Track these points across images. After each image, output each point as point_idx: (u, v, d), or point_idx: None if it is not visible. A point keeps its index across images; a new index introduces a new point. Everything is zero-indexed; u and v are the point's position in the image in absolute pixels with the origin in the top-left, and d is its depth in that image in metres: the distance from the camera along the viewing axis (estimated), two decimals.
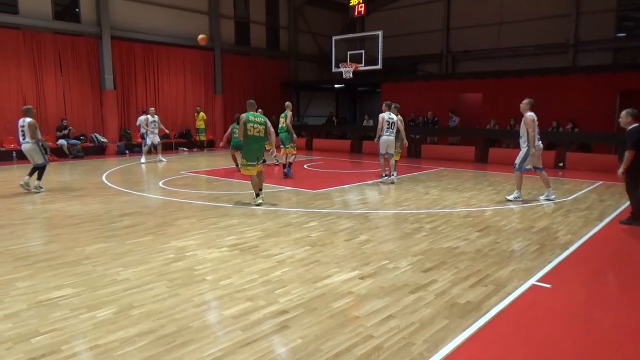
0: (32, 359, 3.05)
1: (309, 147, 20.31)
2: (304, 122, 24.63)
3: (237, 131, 12.42)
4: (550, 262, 5.09)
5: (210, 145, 20.93)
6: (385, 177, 10.79)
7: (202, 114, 19.37)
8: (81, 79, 17.47)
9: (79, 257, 5.18)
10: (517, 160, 8.33)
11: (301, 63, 25.73)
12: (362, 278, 4.54)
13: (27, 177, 9.54)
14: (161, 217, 7.18)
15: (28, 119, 9.38)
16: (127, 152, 18.08)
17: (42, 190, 9.49)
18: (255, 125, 7.95)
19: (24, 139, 9.47)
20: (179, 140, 20.33)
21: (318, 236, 6.06)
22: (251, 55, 23.46)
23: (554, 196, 8.65)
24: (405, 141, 11.00)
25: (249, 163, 7.97)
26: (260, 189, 8.19)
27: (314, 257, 5.18)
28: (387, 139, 10.51)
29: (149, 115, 15.16)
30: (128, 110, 18.93)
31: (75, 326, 3.52)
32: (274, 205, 8.07)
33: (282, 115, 11.73)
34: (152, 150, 15.55)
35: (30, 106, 9.86)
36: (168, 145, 19.54)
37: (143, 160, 14.96)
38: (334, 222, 6.87)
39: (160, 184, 10.52)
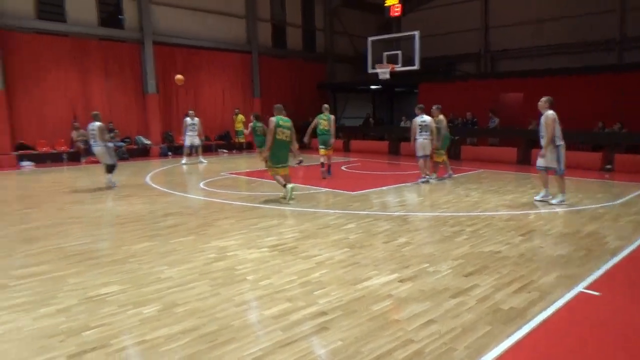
0: (83, 352, 3.19)
1: (346, 149, 20.30)
2: (340, 123, 24.63)
3: (258, 129, 12.99)
4: (599, 268, 4.89)
5: (249, 147, 21.23)
6: (427, 178, 10.81)
7: (240, 116, 19.67)
8: (125, 83, 18.10)
9: (126, 255, 5.36)
10: (556, 165, 7.99)
11: (337, 64, 25.79)
12: (401, 281, 4.50)
13: (109, 175, 10.28)
14: (202, 218, 7.34)
15: (97, 123, 10.06)
16: (169, 153, 18.58)
17: (115, 185, 10.26)
18: (284, 130, 8.34)
19: (94, 142, 10.10)
20: (219, 142, 20.72)
21: (356, 238, 6.06)
22: (288, 58, 23.68)
23: (553, 198, 8.21)
24: (435, 143, 10.88)
25: (275, 165, 8.41)
26: (285, 185, 8.49)
27: (352, 259, 5.18)
28: (421, 142, 10.63)
29: (188, 118, 15.55)
30: (170, 114, 19.48)
31: (122, 322, 3.65)
32: (312, 206, 8.11)
33: (324, 117, 11.73)
34: (193, 152, 15.93)
35: (97, 112, 10.68)
36: (208, 147, 19.94)
37: (184, 161, 15.34)
38: (372, 224, 6.84)
39: (201, 185, 10.76)
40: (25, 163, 15.32)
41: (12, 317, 3.73)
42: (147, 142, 18.46)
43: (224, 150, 20.41)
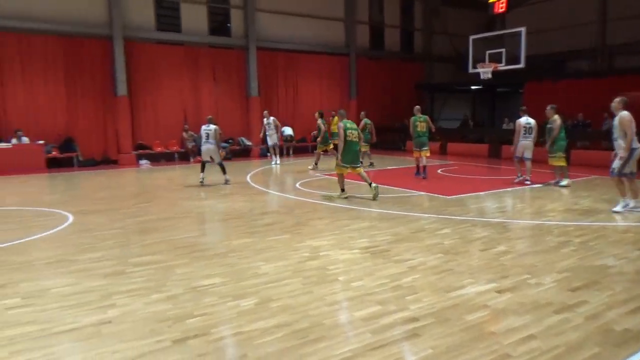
0: (187, 338, 3.44)
1: (443, 152, 19.70)
2: (437, 125, 24.00)
3: (322, 127, 14.17)
4: None
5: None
6: (521, 178, 10.46)
7: (337, 118, 19.92)
8: (230, 87, 19.23)
9: (227, 250, 5.70)
10: (616, 164, 7.33)
11: (436, 65, 25.16)
12: (499, 292, 4.28)
13: (225, 176, 11.22)
14: (297, 217, 7.57)
15: (213, 125, 11.06)
16: (268, 154, 19.36)
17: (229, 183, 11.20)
18: (352, 132, 9.08)
19: (207, 140, 11.04)
20: (315, 144, 21.16)
21: (451, 244, 5.87)
22: (385, 59, 23.57)
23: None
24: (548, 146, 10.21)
25: (343, 164, 9.01)
26: (370, 184, 8.96)
27: (446, 266, 5.03)
28: (524, 143, 10.27)
29: (265, 118, 16.13)
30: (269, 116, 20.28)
31: (222, 313, 3.89)
32: (406, 210, 8.01)
33: (421, 118, 11.63)
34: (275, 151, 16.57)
35: (211, 116, 11.87)
36: (305, 149, 20.51)
37: (276, 161, 15.96)
38: (468, 230, 6.58)
39: (297, 185, 11.09)
40: (142, 161, 16.91)
41: (128, 301, 4.14)
42: (249, 143, 19.42)
43: (321, 152, 20.79)
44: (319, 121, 14.36)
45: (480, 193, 9.74)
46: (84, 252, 5.71)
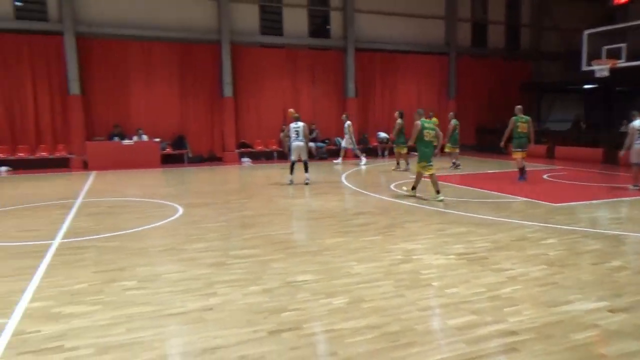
0: (280, 330, 3.58)
1: (550, 156, 18.36)
2: (545, 127, 22.44)
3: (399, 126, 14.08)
4: None
5: (441, 150, 20.86)
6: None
7: (434, 119, 19.43)
8: (328, 88, 19.58)
9: (320, 248, 5.83)
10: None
11: (544, 63, 23.51)
12: (611, 311, 3.91)
13: (307, 174, 11.45)
14: (391, 219, 7.52)
15: (302, 123, 11.34)
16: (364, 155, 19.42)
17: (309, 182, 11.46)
18: (429, 131, 9.16)
19: (297, 137, 11.32)
20: (412, 145, 20.83)
21: (557, 255, 5.47)
22: (488, 58, 22.52)
23: None
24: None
25: (428, 164, 9.14)
26: (438, 192, 8.99)
27: (551, 278, 4.70)
28: (638, 148, 9.79)
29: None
30: (366, 117, 20.37)
31: (314, 309, 3.99)
32: (507, 216, 7.60)
33: (522, 119, 11.15)
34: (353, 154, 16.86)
35: (298, 114, 12.05)
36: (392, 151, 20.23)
37: (363, 162, 16.14)
38: (577, 241, 6.09)
39: (392, 186, 11.00)
40: (244, 159, 17.83)
41: (228, 291, 4.40)
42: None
43: (416, 153, 20.42)
44: (399, 121, 14.30)
45: (593, 201, 8.96)
46: (192, 242, 6.17)
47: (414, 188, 9.47)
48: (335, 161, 16.82)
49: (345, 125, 16.61)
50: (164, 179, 13.45)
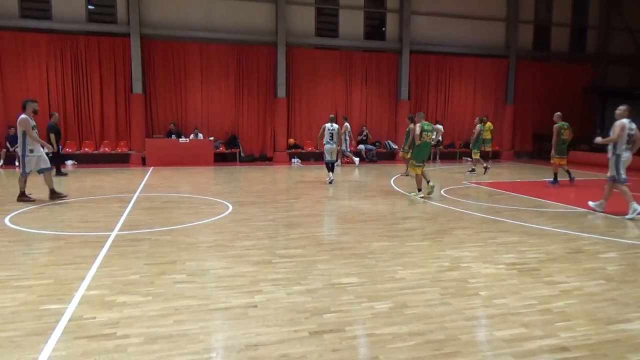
0: (322, 331, 3.59)
1: None
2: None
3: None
4: None
5: (494, 156, 20.24)
6: None
7: (489, 123, 18.87)
8: (380, 91, 19.46)
9: (366, 251, 5.80)
10: (613, 172, 8.27)
11: (611, 66, 22.22)
12: None
13: (331, 174, 11.86)
14: (439, 225, 7.36)
15: (337, 125, 11.79)
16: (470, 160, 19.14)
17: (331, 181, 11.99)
18: (428, 133, 9.75)
19: (331, 139, 11.88)
20: (463, 150, 20.34)
21: (616, 270, 5.16)
22: (550, 61, 21.60)
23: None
24: None
25: (417, 163, 9.76)
26: (428, 181, 9.78)
27: (608, 294, 4.45)
28: None
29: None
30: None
31: (357, 312, 3.97)
32: (562, 227, 7.26)
33: (565, 125, 11.48)
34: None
35: (334, 115, 12.64)
36: (452, 155, 19.82)
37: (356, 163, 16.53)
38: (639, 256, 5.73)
39: (442, 192, 10.77)
40: (294, 160, 18.04)
41: (273, 289, 4.47)
42: (395, 146, 19.42)
43: (468, 159, 19.91)
44: (478, 126, 14.35)
45: None
46: (239, 239, 6.31)
47: (419, 190, 9.96)
48: (355, 164, 16.93)
49: (345, 125, 16.64)
50: (216, 177, 13.83)
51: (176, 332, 3.55)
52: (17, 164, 13.62)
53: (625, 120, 8.38)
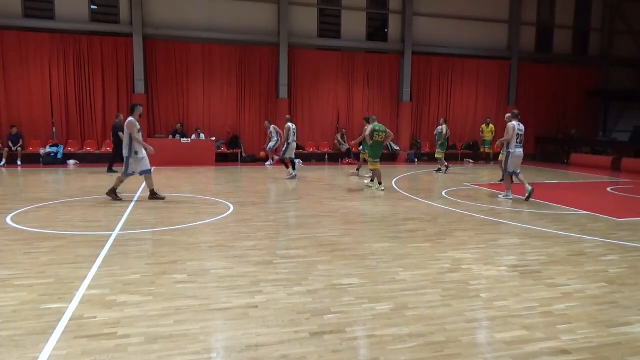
0: (323, 332, 3.59)
1: (615, 168, 17.35)
2: (612, 137, 21.23)
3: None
4: None
5: (496, 158, 20.19)
6: None
7: (491, 125, 18.87)
8: (382, 92, 19.46)
9: (367, 252, 5.79)
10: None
11: (614, 69, 22.21)
12: None
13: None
14: (441, 226, 7.35)
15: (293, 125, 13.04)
16: (416, 160, 19.15)
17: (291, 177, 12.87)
18: (380, 133, 10.88)
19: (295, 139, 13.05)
20: (465, 152, 20.33)
21: (618, 273, 5.15)
22: (552, 63, 21.58)
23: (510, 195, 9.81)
24: None
25: (375, 160, 11.03)
26: (380, 182, 11.01)
27: (610, 297, 4.44)
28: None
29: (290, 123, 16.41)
30: (420, 121, 20.08)
31: (357, 313, 3.97)
32: (564, 229, 7.25)
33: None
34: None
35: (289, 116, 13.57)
36: (454, 156, 19.80)
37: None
38: None
39: (443, 193, 10.77)
40: (296, 161, 18.00)
41: (273, 290, 4.46)
42: (396, 147, 19.42)
43: (470, 160, 19.91)
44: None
45: None
46: (240, 240, 6.31)
47: (380, 183, 11.02)
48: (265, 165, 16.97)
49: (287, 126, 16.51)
50: (217, 177, 13.83)
51: (177, 332, 3.55)
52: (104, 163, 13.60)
53: (515, 123, 9.70)
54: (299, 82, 18.44)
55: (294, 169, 13.31)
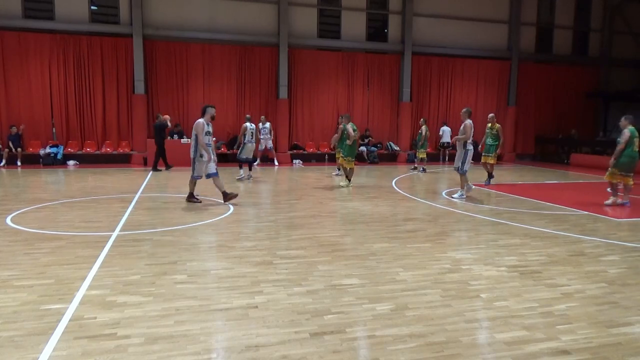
0: (323, 333, 3.59)
1: None
2: (611, 137, 21.21)
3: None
4: None
5: (497, 158, 20.16)
6: None
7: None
8: (382, 92, 19.47)
9: (367, 253, 5.79)
10: (458, 164, 9.96)
11: (614, 70, 22.20)
12: None
13: (243, 171, 13.00)
14: (441, 227, 7.35)
15: (268, 124, 13.08)
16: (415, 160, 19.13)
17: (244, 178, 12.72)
18: (355, 133, 11.59)
19: (252, 139, 12.81)
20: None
21: (618, 273, 5.15)
22: (552, 64, 21.57)
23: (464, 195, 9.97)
24: None
25: (352, 159, 11.58)
26: (349, 179, 11.74)
27: (610, 297, 4.44)
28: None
29: (260, 123, 16.49)
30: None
31: (358, 314, 3.97)
32: (564, 229, 7.25)
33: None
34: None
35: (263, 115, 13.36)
36: (453, 156, 19.75)
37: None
38: None
39: (444, 194, 10.77)
40: (296, 161, 18.03)
41: (273, 290, 4.46)
42: (396, 148, 19.42)
43: (471, 161, 19.87)
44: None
45: None
46: (240, 240, 6.31)
47: (349, 180, 11.66)
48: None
49: (267, 125, 16.56)
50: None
51: (177, 332, 3.55)
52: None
53: (470, 121, 9.90)
54: (299, 83, 18.44)
55: (249, 169, 13.15)
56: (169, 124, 15.01)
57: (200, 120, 8.71)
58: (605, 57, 21.97)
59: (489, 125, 12.17)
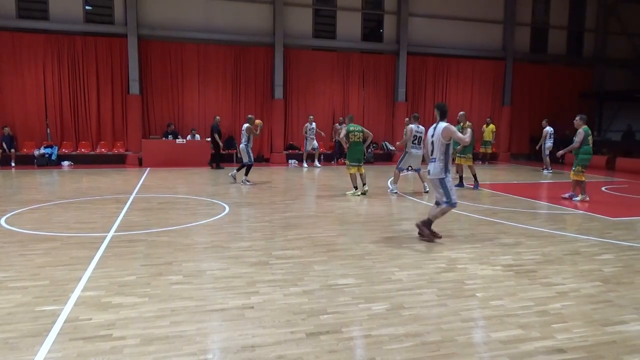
0: (319, 333, 3.59)
1: (609, 167, 17.45)
2: (606, 137, 21.35)
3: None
4: None
5: (493, 158, 20.27)
6: None
7: (492, 125, 18.88)
8: (378, 92, 19.49)
9: (363, 252, 5.80)
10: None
11: (609, 70, 22.31)
12: None
13: (236, 173, 12.53)
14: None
15: (246, 125, 12.10)
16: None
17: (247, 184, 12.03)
18: (356, 133, 10.12)
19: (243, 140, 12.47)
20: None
21: (613, 272, 5.18)
22: (547, 64, 21.66)
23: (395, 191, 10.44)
24: None
25: (351, 164, 10.21)
26: (363, 184, 10.31)
27: (605, 296, 4.46)
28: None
29: (308, 123, 16.98)
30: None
31: (354, 313, 3.97)
32: (559, 229, 7.28)
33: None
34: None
35: (250, 116, 12.64)
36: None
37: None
38: (636, 258, 5.74)
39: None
40: (291, 161, 18.02)
41: (269, 290, 4.46)
42: (391, 147, 19.45)
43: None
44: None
45: None
46: (236, 240, 6.30)
47: (355, 188, 10.38)
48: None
49: (314, 125, 16.99)
50: (213, 178, 13.80)
51: (173, 333, 3.54)
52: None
53: (413, 126, 10.43)
54: (294, 83, 18.43)
55: (245, 174, 12.48)
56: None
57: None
58: (599, 57, 22.08)
59: (460, 124, 11.52)
